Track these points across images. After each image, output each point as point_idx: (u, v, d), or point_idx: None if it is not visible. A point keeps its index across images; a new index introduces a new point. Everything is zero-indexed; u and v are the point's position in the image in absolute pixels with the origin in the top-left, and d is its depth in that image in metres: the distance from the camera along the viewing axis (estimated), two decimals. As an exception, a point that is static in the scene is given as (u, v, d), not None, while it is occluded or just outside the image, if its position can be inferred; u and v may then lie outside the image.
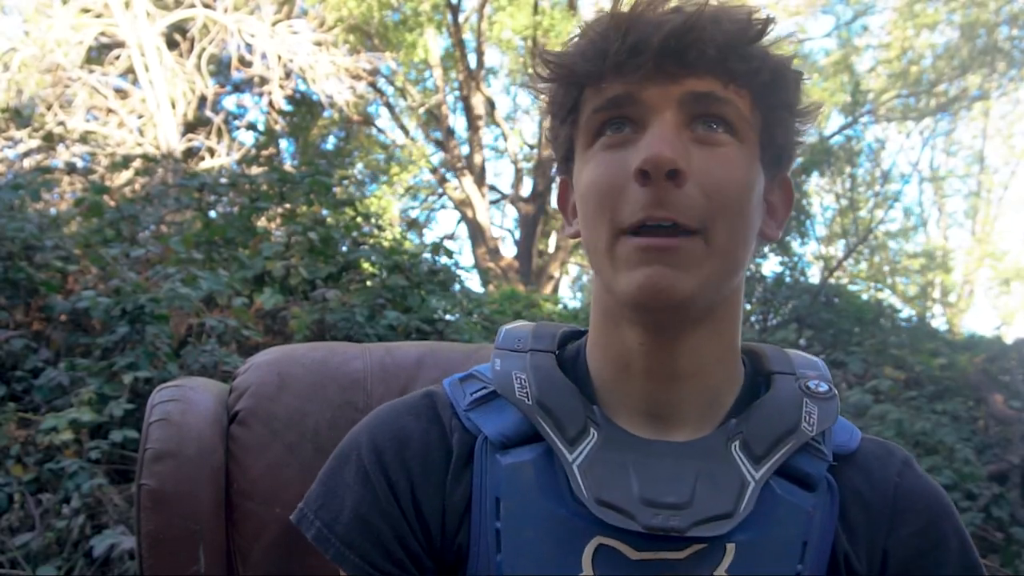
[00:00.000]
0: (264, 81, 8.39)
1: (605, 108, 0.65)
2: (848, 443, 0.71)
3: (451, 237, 10.74)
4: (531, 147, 12.17)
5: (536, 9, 9.94)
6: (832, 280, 7.57)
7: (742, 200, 0.64)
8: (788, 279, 7.17)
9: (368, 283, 4.13)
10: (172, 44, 8.32)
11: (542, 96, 0.71)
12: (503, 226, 13.01)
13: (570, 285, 14.13)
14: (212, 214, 4.64)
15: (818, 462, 0.67)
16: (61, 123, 7.18)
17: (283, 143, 10.76)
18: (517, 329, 0.76)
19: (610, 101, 0.65)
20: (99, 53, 8.43)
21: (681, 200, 0.61)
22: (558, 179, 0.77)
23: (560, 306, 6.70)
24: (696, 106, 0.63)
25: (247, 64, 8.42)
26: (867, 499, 0.69)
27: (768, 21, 0.64)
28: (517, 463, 0.66)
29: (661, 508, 0.62)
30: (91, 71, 7.91)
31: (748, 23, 0.64)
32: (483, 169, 11.40)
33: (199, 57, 8.23)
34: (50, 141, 6.46)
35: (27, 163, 6.36)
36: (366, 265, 4.26)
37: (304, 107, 10.45)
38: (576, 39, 0.67)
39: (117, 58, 7.92)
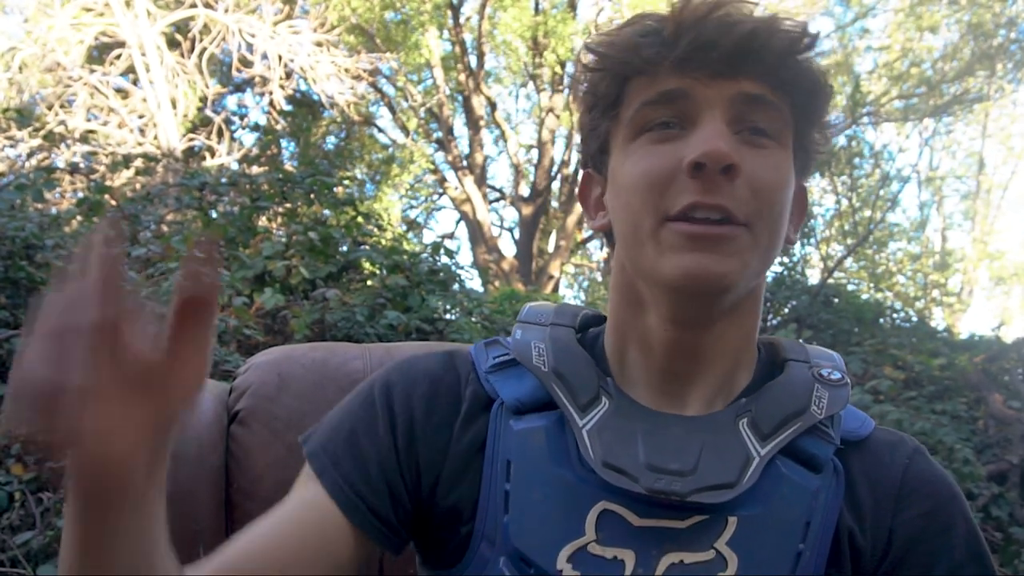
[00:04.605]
0: (265, 81, 8.39)
1: (656, 102, 0.66)
2: (859, 430, 0.72)
3: (451, 237, 10.76)
4: (530, 147, 12.17)
5: (537, 10, 9.94)
6: (832, 280, 7.56)
7: (783, 201, 0.67)
8: (788, 279, 7.17)
9: (368, 283, 4.13)
10: (173, 44, 8.32)
11: (581, 88, 0.72)
12: (503, 226, 13.01)
13: (569, 285, 14.13)
14: (213, 214, 4.65)
15: (825, 445, 0.68)
16: (62, 123, 7.18)
17: (284, 143, 10.76)
18: (540, 306, 0.79)
19: (662, 95, 0.66)
20: (100, 53, 8.43)
21: (732, 193, 0.63)
22: (582, 172, 0.78)
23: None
24: (745, 107, 0.65)
25: (248, 64, 8.41)
26: (874, 479, 0.70)
27: (816, 36, 0.67)
28: (529, 428, 0.68)
29: (664, 473, 0.63)
30: (92, 71, 7.91)
31: (801, 36, 0.66)
32: (483, 169, 11.40)
33: (200, 57, 8.23)
34: (51, 141, 6.46)
35: (28, 163, 6.36)
36: (366, 265, 4.26)
37: (305, 107, 10.45)
38: (622, 31, 0.68)
39: (118, 58, 7.92)
